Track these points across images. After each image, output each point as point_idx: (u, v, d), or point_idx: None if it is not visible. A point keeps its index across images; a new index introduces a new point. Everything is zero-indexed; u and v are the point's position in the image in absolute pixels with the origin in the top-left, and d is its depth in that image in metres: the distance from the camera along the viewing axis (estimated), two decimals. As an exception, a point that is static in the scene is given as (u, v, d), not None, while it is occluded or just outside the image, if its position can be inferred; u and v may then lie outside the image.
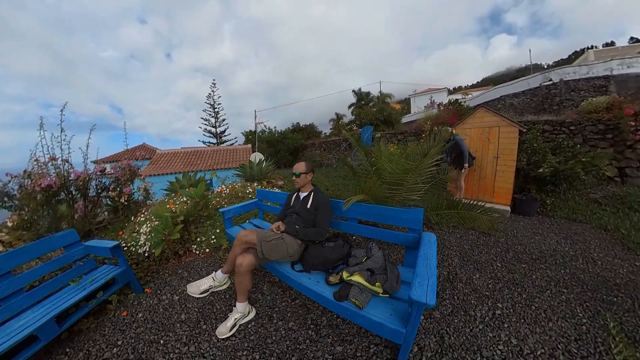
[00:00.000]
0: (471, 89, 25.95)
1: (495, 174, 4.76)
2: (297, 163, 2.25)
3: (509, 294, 2.12)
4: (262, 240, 1.83)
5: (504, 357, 1.51)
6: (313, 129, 23.99)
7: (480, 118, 4.94)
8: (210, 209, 3.39)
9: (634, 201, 4.09)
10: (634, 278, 2.37)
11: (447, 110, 8.31)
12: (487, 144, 4.95)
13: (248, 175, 5.29)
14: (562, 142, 4.44)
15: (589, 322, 1.82)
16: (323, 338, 1.65)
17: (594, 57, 12.42)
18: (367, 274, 1.61)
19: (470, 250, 2.89)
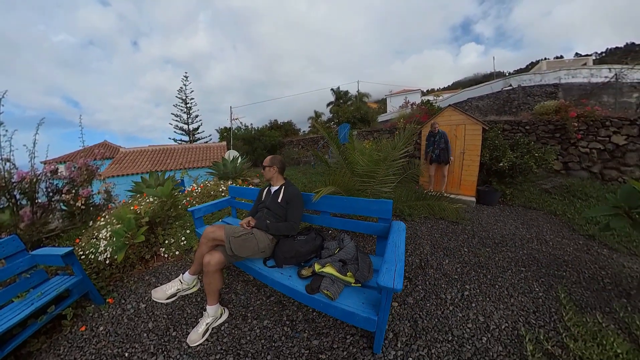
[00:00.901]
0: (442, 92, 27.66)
1: (462, 168, 5.11)
2: (268, 157, 2.21)
3: (476, 276, 2.28)
4: (231, 237, 1.74)
5: (472, 335, 1.61)
6: (291, 127, 23.73)
7: (449, 116, 5.26)
8: (179, 209, 3.18)
9: (577, 190, 4.70)
10: (579, 255, 2.69)
11: (420, 109, 8.74)
12: (455, 140, 5.28)
13: (222, 173, 5.06)
14: (519, 139, 4.89)
15: (544, 296, 2.01)
16: (299, 333, 1.63)
17: (546, 67, 14.29)
18: (339, 265, 1.61)
19: (440, 238, 3.04)
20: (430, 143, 4.83)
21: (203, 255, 1.74)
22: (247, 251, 1.79)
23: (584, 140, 5.49)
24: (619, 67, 9.10)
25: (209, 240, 1.79)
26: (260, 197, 2.24)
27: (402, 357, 1.45)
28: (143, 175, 4.45)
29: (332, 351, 1.49)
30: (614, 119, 5.21)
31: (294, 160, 12.75)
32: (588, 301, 1.96)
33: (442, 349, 1.51)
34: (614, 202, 2.08)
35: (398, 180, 3.08)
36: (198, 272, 1.93)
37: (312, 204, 2.15)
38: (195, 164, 11.87)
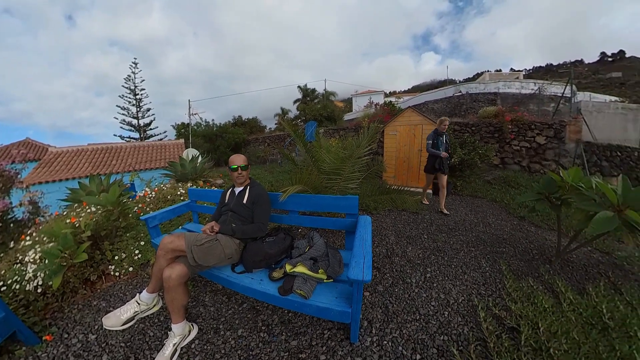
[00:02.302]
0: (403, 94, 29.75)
1: (420, 163, 5.60)
2: (235, 156, 2.03)
3: (435, 259, 2.51)
4: (193, 245, 1.59)
5: (436, 311, 1.79)
6: (257, 123, 22.79)
7: (408, 117, 5.69)
8: (130, 218, 2.82)
9: (511, 180, 5.63)
10: (514, 233, 3.18)
11: (383, 109, 9.24)
12: (414, 139, 5.72)
13: (180, 175, 4.60)
14: (467, 138, 5.65)
15: (490, 269, 2.33)
16: (276, 337, 1.59)
17: (488, 78, 17.03)
18: (310, 263, 1.61)
19: (403, 228, 3.26)
20: (438, 145, 3.84)
21: (162, 270, 1.55)
22: (212, 259, 1.66)
23: (516, 139, 6.52)
24: (542, 82, 11.45)
25: (167, 251, 1.60)
26: (223, 199, 2.10)
27: (378, 342, 1.53)
28: (81, 181, 3.74)
29: (311, 349, 1.50)
30: (537, 123, 6.33)
31: (259, 159, 12.34)
32: (522, 270, 2.33)
33: (411, 328, 1.64)
34: (537, 189, 2.53)
35: (363, 177, 3.21)
36: (158, 289, 1.73)
37: (280, 203, 2.11)
38: (147, 164, 10.59)
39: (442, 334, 1.59)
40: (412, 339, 1.55)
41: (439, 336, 1.57)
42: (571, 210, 2.29)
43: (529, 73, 62.56)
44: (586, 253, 2.68)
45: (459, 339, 1.55)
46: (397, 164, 5.88)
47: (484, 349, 1.47)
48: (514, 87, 11.53)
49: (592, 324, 1.61)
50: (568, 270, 2.37)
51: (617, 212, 1.84)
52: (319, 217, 2.16)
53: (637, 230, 1.76)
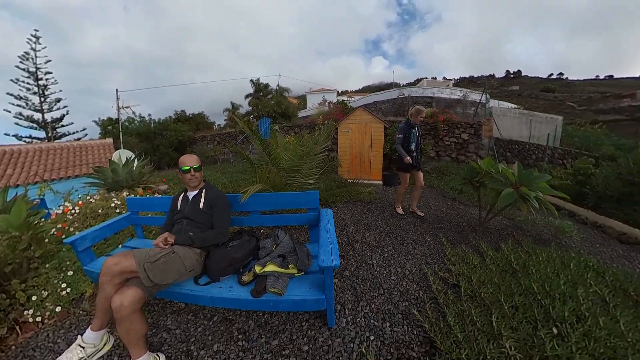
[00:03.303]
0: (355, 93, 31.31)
1: (371, 158, 6.09)
2: (187, 156, 1.86)
3: (390, 240, 2.81)
4: (145, 263, 1.38)
5: (396, 283, 2.06)
6: (204, 119, 20.52)
7: (359, 116, 6.14)
8: (47, 244, 2.26)
9: (444, 170, 6.68)
10: (449, 211, 3.81)
11: (336, 108, 9.64)
12: (364, 136, 6.18)
13: (111, 183, 3.85)
14: None
15: (433, 242, 2.76)
16: (255, 342, 1.54)
17: (426, 84, 20.12)
18: (279, 260, 1.62)
19: (360, 217, 3.52)
20: (410, 138, 3.41)
21: (110, 299, 1.31)
22: (172, 275, 1.47)
23: (447, 136, 7.74)
24: (465, 90, 14.30)
25: (113, 275, 1.35)
26: (174, 206, 1.90)
27: (352, 320, 1.67)
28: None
29: (293, 343, 1.52)
30: (462, 123, 7.72)
31: (209, 159, 11.34)
32: (457, 239, 2.83)
33: (378, 301, 1.84)
34: (463, 175, 3.24)
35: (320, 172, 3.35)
36: (106, 324, 1.46)
37: (241, 204, 2.02)
38: (62, 172, 8.13)
39: (403, 300, 1.84)
40: (380, 310, 1.74)
41: (402, 303, 1.82)
42: (486, 190, 2.92)
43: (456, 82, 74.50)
44: (498, 221, 3.42)
45: (417, 301, 1.83)
46: (350, 159, 6.28)
47: (436, 305, 1.77)
48: (446, 93, 13.89)
49: (506, 270, 2.11)
50: (488, 234, 3.00)
51: (515, 189, 2.48)
52: (282, 215, 2.17)
53: (528, 201, 2.38)
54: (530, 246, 2.57)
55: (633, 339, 1.34)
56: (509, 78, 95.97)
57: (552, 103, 42.85)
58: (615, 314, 1.54)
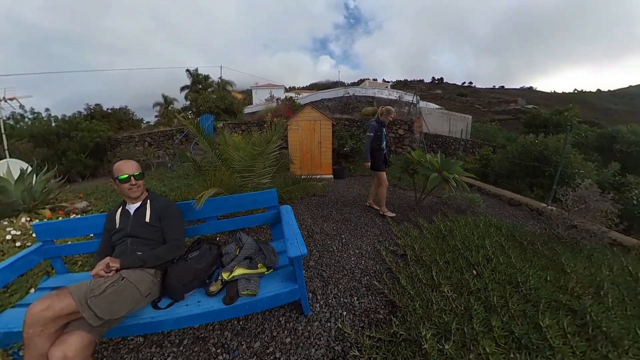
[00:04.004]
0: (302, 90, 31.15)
1: (321, 153, 6.37)
2: (123, 162, 1.57)
3: (345, 227, 3.06)
4: (89, 298, 1.15)
5: (356, 262, 2.30)
6: (128, 116, 16.29)
7: (308, 113, 6.31)
8: None
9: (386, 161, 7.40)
10: (393, 195, 4.35)
11: (284, 104, 9.58)
12: (314, 133, 6.39)
13: (2, 207, 2.93)
14: (354, 131, 6.97)
15: (382, 223, 3.15)
16: (237, 351, 1.48)
17: (368, 85, 22.07)
18: (247, 262, 1.61)
19: (316, 210, 3.70)
20: (382, 137, 3.38)
21: (45, 355, 1.05)
22: (125, 306, 1.25)
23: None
24: (401, 92, 16.24)
25: (45, 324, 1.07)
26: (111, 225, 1.61)
27: (325, 303, 1.79)
28: None
29: (274, 339, 1.53)
30: (399, 120, 8.78)
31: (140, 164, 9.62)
32: (400, 218, 3.30)
33: (344, 281, 2.04)
34: (400, 165, 3.89)
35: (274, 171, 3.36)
36: None
37: (195, 212, 1.87)
38: None
39: (364, 276, 2.09)
40: (347, 289, 1.93)
41: (364, 278, 2.05)
42: (419, 175, 3.58)
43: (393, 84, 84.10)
44: (429, 199, 4.11)
45: (376, 274, 2.10)
46: (301, 156, 6.42)
47: (391, 273, 2.08)
48: (385, 94, 15.59)
49: (438, 236, 2.60)
50: (423, 211, 3.60)
51: (439, 173, 3.07)
52: (240, 217, 2.11)
53: (449, 182, 3.00)
54: (453, 216, 3.24)
55: (521, 266, 1.92)
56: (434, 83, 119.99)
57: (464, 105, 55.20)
58: (510, 253, 2.14)
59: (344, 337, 1.50)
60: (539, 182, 5.04)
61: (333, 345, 1.47)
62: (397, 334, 1.42)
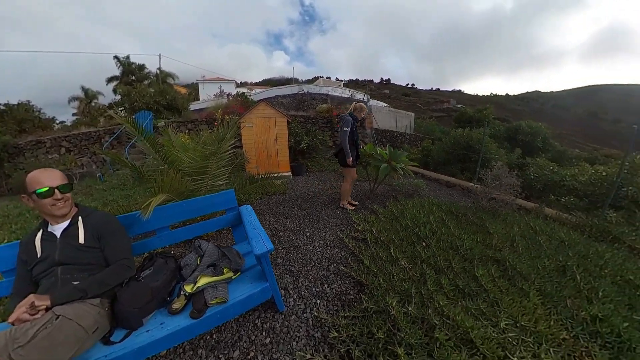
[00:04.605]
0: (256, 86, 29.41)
1: (277, 151, 6.29)
2: (40, 171, 1.25)
3: (308, 222, 3.12)
4: (13, 350, 0.91)
5: (322, 252, 2.40)
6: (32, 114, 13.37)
7: (262, 110, 6.12)
8: None
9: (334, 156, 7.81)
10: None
11: (236, 101, 9.05)
12: (269, 130, 6.26)
13: None
14: (310, 128, 7.16)
15: (342, 213, 3.32)
16: None
17: (322, 83, 22.71)
18: (211, 270, 1.52)
19: (277, 208, 3.67)
20: (355, 133, 3.37)
21: None
22: (66, 350, 1.01)
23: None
24: (353, 91, 17.10)
25: None
26: (29, 254, 1.28)
27: (298, 296, 1.82)
28: None
29: (253, 343, 1.48)
30: None
31: None
32: (358, 207, 3.54)
33: (313, 272, 2.10)
34: None
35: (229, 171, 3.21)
36: None
37: (142, 224, 1.66)
38: None
39: (332, 263, 2.19)
40: (317, 278, 2.00)
41: (331, 266, 2.15)
42: (371, 167, 3.86)
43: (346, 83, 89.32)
44: (382, 188, 4.50)
45: (341, 260, 2.23)
46: (257, 155, 6.22)
47: (355, 257, 2.24)
48: (338, 92, 16.05)
49: (392, 219, 2.88)
50: (377, 198, 3.92)
51: (388, 163, 3.39)
52: (197, 224, 1.95)
53: (397, 170, 3.35)
54: (403, 200, 3.63)
55: (458, 234, 2.30)
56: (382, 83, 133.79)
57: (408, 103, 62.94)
58: (449, 225, 2.53)
59: (321, 324, 1.57)
60: (467, 166, 6.04)
61: (312, 333, 1.52)
62: (368, 309, 1.55)
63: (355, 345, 1.35)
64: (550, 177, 4.74)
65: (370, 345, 1.33)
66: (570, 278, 1.70)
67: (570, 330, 1.29)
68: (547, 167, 5.05)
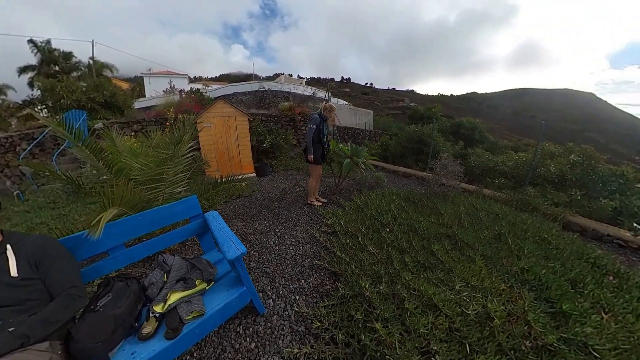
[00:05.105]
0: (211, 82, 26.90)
1: (239, 152, 6.04)
2: None
3: (278, 222, 3.11)
4: None
5: (295, 249, 2.45)
6: None
7: (221, 108, 5.77)
8: None
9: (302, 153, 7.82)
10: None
11: (190, 98, 8.30)
12: (229, 130, 5.95)
13: None
14: (272, 127, 7.02)
15: (310, 210, 3.40)
16: None
17: (283, 80, 21.00)
18: (181, 285, 1.43)
19: (244, 211, 3.55)
20: (323, 131, 3.48)
21: None
22: None
23: (304, 126, 9.00)
24: (315, 89, 16.73)
25: None
26: None
27: (276, 296, 1.83)
28: None
29: (238, 352, 1.45)
30: None
31: None
32: (327, 202, 3.66)
33: (289, 270, 2.14)
34: None
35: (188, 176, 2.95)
36: None
37: (91, 245, 1.43)
38: None
39: (305, 258, 2.25)
40: (293, 275, 2.04)
41: (305, 261, 2.21)
42: (335, 163, 4.02)
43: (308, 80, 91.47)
44: (347, 182, 4.71)
45: (314, 254, 2.32)
46: (217, 157, 5.86)
47: (327, 249, 2.35)
48: (300, 90, 15.75)
49: (357, 210, 3.07)
50: (343, 193, 4.11)
51: (350, 159, 3.58)
52: (158, 238, 1.77)
53: (359, 165, 3.56)
54: (366, 192, 3.88)
55: (416, 217, 2.59)
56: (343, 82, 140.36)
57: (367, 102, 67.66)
58: (408, 210, 2.82)
59: (303, 317, 1.62)
60: (420, 158, 6.73)
61: (296, 328, 1.56)
62: (344, 295, 1.67)
63: (338, 330, 1.45)
64: (486, 163, 5.56)
65: (352, 327, 1.45)
66: (504, 242, 2.09)
67: (507, 282, 1.61)
68: (483, 155, 5.92)
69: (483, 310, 1.37)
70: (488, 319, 1.33)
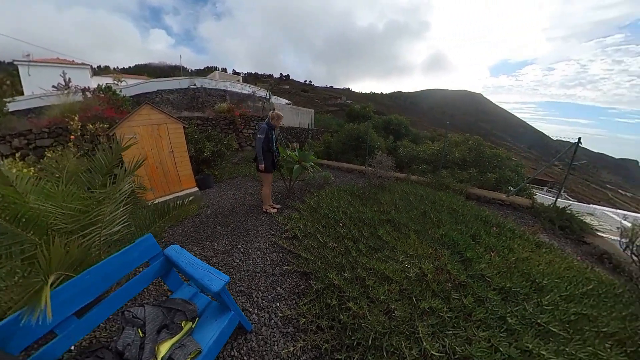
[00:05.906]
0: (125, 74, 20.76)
1: (176, 165, 5.38)
2: None
3: (238, 237, 3.08)
4: None
5: (262, 260, 2.58)
6: None
7: (147, 115, 4.93)
8: None
9: (249, 158, 7.43)
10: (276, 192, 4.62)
11: (99, 99, 6.45)
12: (160, 140, 5.23)
13: None
14: (211, 133, 6.40)
15: (267, 218, 3.51)
16: None
17: (218, 76, 18.08)
18: (166, 333, 1.38)
19: (197, 233, 3.31)
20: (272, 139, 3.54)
21: None
22: None
23: (245, 128, 8.61)
24: (255, 87, 15.43)
25: None
26: None
27: (258, 309, 1.95)
28: None
29: None
30: (255, 116, 8.86)
31: None
32: (282, 207, 3.78)
33: (261, 281, 2.28)
34: None
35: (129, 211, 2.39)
36: None
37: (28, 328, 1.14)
38: None
39: (275, 267, 2.42)
40: (267, 286, 2.18)
41: (275, 269, 2.39)
42: (284, 169, 4.15)
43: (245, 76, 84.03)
44: (297, 184, 4.93)
45: (282, 260, 2.51)
46: (149, 174, 5.02)
47: (292, 253, 2.58)
48: (237, 88, 14.27)
49: (312, 211, 3.37)
50: (295, 196, 4.34)
51: (299, 164, 3.82)
52: (113, 295, 1.54)
53: (307, 169, 3.87)
54: (317, 192, 4.22)
55: (362, 209, 3.04)
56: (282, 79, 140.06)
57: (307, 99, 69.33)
58: (354, 203, 3.29)
59: (289, 319, 1.83)
60: (359, 153, 7.55)
61: (285, 330, 1.75)
62: (318, 289, 1.97)
63: (320, 319, 1.74)
64: (411, 153, 6.66)
65: (330, 312, 1.77)
66: (428, 217, 2.80)
67: (432, 246, 2.24)
68: (409, 146, 7.11)
69: (420, 271, 1.91)
70: (423, 276, 1.88)
